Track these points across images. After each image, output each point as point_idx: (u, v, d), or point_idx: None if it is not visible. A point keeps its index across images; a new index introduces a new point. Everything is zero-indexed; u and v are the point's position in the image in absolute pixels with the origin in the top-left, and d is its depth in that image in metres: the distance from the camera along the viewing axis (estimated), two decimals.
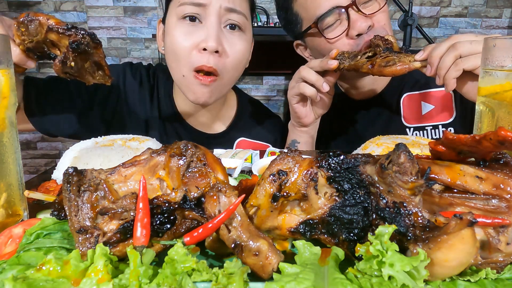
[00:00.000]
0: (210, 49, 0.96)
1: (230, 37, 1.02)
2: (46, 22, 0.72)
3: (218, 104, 1.21)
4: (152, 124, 1.20)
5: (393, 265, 0.36)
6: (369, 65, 0.94)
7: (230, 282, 0.38)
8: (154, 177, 0.50)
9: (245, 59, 1.09)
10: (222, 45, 0.98)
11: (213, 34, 0.96)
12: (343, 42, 1.11)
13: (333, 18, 1.08)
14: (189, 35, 0.98)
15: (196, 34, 0.98)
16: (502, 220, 0.39)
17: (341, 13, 1.06)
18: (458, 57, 0.82)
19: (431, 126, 1.23)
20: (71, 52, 0.71)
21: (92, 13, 3.10)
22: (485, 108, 0.64)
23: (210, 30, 0.97)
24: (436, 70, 0.86)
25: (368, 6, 1.08)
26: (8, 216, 0.57)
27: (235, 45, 1.02)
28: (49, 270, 0.37)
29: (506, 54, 0.59)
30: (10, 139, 0.58)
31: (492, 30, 3.22)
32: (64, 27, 0.71)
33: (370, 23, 1.06)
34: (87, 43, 0.72)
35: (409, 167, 0.38)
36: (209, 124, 1.23)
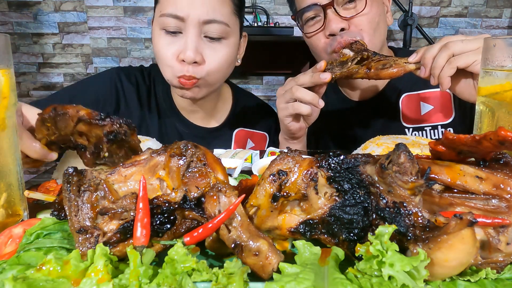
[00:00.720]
0: (188, 60, 0.98)
1: (211, 46, 1.03)
2: (76, 114, 0.63)
3: (213, 99, 1.24)
4: (151, 123, 1.22)
5: (393, 265, 0.36)
6: (365, 69, 0.94)
7: (230, 282, 0.38)
8: (154, 177, 0.50)
9: (229, 61, 1.10)
10: (201, 54, 1.01)
11: (191, 45, 0.99)
12: (318, 38, 1.15)
13: (313, 14, 1.12)
14: (170, 45, 1.02)
15: (177, 44, 1.01)
16: (502, 220, 0.39)
17: (320, 10, 1.09)
18: (451, 56, 0.83)
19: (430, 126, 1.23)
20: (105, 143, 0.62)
21: (92, 13, 3.10)
22: (485, 108, 0.64)
23: (189, 42, 0.99)
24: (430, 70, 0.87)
25: (350, 8, 1.09)
26: (8, 216, 0.57)
27: (216, 53, 1.04)
28: (49, 270, 0.37)
29: (506, 54, 0.59)
30: (10, 139, 0.58)
31: (492, 30, 3.22)
32: (97, 117, 0.62)
33: (344, 25, 1.08)
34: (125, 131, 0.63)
35: (409, 167, 0.38)
36: (207, 118, 1.26)
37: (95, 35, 3.14)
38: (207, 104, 1.22)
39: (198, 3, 0.98)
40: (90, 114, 0.61)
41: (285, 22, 3.12)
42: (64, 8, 3.09)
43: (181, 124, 1.23)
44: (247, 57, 1.24)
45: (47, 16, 3.09)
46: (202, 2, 0.98)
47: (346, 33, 1.08)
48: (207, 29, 1.01)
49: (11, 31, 3.09)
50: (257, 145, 1.33)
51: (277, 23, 3.01)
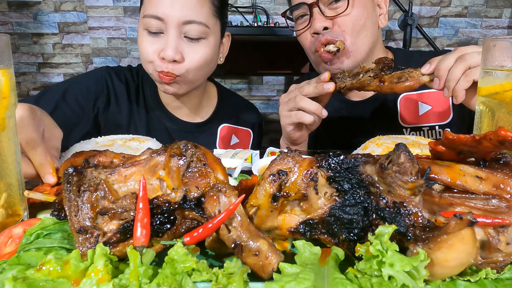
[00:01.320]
0: (167, 58, 1.04)
1: (191, 45, 1.08)
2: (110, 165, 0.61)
3: (197, 96, 1.29)
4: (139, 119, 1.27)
5: (393, 265, 0.36)
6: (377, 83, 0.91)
7: (230, 282, 0.38)
8: (154, 177, 0.50)
9: (209, 60, 1.13)
10: (180, 53, 1.06)
11: (171, 44, 1.04)
12: (305, 37, 1.18)
13: (301, 12, 1.15)
14: (152, 44, 1.07)
15: (158, 43, 1.06)
16: (502, 220, 0.39)
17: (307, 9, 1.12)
18: (467, 68, 0.80)
19: (428, 126, 1.23)
20: None
21: (92, 13, 3.10)
22: (485, 108, 0.64)
23: (169, 41, 1.04)
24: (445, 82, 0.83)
25: (336, 8, 1.10)
26: (8, 216, 0.57)
27: (195, 53, 1.08)
28: (49, 270, 0.37)
29: (506, 54, 0.59)
30: (10, 139, 0.58)
31: (492, 30, 3.22)
32: None
33: (327, 24, 1.09)
34: None
35: (409, 167, 0.38)
36: (192, 114, 1.32)
37: (95, 35, 3.14)
38: (191, 101, 1.28)
39: (178, 5, 1.03)
40: None
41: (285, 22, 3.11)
42: (64, 8, 3.09)
43: (168, 119, 1.29)
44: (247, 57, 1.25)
45: (47, 16, 3.09)
46: (181, 4, 1.03)
47: (329, 32, 1.10)
48: (187, 29, 1.05)
49: (11, 31, 3.09)
50: (242, 141, 1.38)
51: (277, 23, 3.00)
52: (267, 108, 3.34)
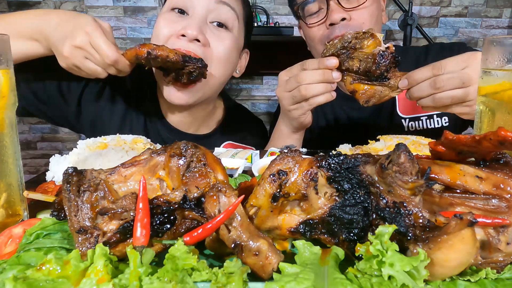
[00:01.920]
0: (189, 36, 0.94)
1: (216, 32, 1.00)
2: (166, 58, 0.86)
3: (203, 113, 1.20)
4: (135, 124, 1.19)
5: (393, 265, 0.36)
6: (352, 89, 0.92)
7: (230, 281, 0.38)
8: (154, 177, 0.50)
9: (231, 60, 1.06)
10: (203, 35, 0.96)
11: (194, 23, 0.95)
12: (318, 29, 1.16)
13: (316, 7, 1.14)
14: (172, 23, 0.97)
15: (179, 24, 0.97)
16: (502, 220, 0.39)
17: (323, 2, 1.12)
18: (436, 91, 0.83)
19: (426, 116, 1.25)
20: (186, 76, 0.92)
21: (92, 13, 3.10)
22: (485, 108, 0.64)
23: (192, 20, 0.96)
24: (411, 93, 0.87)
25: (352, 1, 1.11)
26: (8, 216, 0.57)
27: (222, 41, 1.00)
28: (49, 270, 0.37)
29: (506, 54, 0.59)
30: (10, 140, 0.58)
31: (492, 30, 3.22)
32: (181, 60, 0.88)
33: (345, 15, 1.10)
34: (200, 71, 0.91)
35: (409, 167, 0.38)
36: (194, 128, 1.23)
37: None
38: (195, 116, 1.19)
39: None
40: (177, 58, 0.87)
41: (285, 22, 3.11)
42: (64, 8, 3.09)
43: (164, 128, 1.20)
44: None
45: None
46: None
47: (346, 24, 1.10)
48: (217, 12, 0.98)
49: None
50: None
51: (277, 23, 3.01)
52: (267, 108, 3.34)
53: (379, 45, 0.87)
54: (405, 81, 0.87)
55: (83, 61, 0.86)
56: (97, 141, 0.91)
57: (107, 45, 0.84)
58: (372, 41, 0.87)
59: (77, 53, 0.85)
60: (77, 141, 0.90)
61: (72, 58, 0.86)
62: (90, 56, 0.86)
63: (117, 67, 0.88)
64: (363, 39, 0.88)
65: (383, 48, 0.86)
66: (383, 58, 0.86)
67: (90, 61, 0.86)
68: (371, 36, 0.87)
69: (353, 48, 0.89)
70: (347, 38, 0.89)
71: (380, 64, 0.86)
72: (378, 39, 0.87)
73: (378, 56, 0.86)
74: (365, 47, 0.88)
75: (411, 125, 1.27)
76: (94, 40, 0.84)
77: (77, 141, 0.90)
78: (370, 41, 0.87)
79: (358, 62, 0.89)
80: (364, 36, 0.88)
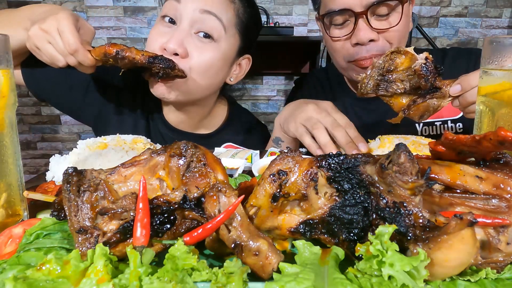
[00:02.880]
0: (169, 50, 0.98)
1: (199, 44, 1.01)
2: (133, 60, 0.91)
3: (200, 114, 1.21)
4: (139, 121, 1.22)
5: (393, 265, 0.36)
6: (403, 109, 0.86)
7: (229, 281, 0.38)
8: (154, 177, 0.50)
9: (215, 68, 1.05)
10: (184, 48, 0.99)
11: (177, 36, 0.98)
12: (341, 45, 1.10)
13: (342, 19, 1.07)
14: (159, 36, 1.02)
15: (165, 36, 1.01)
16: (502, 220, 0.39)
17: (351, 16, 1.05)
18: None
19: (440, 121, 1.22)
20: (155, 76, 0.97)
21: (92, 13, 3.10)
22: (485, 108, 0.64)
23: (176, 32, 0.99)
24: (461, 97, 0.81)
25: (382, 20, 1.05)
26: (8, 216, 0.57)
27: (202, 53, 1.01)
28: (49, 270, 0.37)
29: (506, 54, 0.59)
30: (10, 140, 0.58)
31: (492, 30, 3.22)
32: (146, 61, 0.92)
33: (373, 36, 1.04)
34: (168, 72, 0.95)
35: (409, 167, 0.38)
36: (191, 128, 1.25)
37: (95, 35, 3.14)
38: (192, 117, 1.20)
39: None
40: (142, 60, 0.91)
41: (285, 22, 3.12)
42: None
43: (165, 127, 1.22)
44: None
45: None
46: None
47: (374, 45, 1.05)
48: (202, 22, 0.99)
49: None
50: None
51: (277, 23, 3.01)
52: (267, 108, 3.34)
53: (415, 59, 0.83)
54: (458, 86, 0.81)
55: (44, 44, 0.88)
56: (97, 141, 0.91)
57: (72, 34, 0.86)
58: (404, 57, 0.83)
59: (41, 35, 0.88)
60: (77, 141, 0.90)
61: (35, 38, 0.88)
62: (53, 41, 0.87)
63: (77, 57, 0.89)
64: (395, 58, 0.84)
65: (423, 60, 0.82)
66: (428, 70, 0.81)
67: (51, 46, 0.88)
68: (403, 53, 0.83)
69: (389, 71, 0.85)
70: (379, 65, 0.85)
71: (428, 77, 0.81)
72: (410, 53, 0.83)
73: (422, 69, 0.81)
74: (400, 66, 0.84)
75: (425, 129, 1.25)
76: (61, 26, 0.86)
77: (77, 141, 0.90)
78: (402, 57, 0.83)
79: (402, 83, 0.85)
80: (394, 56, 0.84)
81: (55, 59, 0.90)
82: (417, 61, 0.82)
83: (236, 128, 1.30)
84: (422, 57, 0.82)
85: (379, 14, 1.05)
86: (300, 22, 3.12)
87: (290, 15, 3.13)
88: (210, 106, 1.23)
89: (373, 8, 1.03)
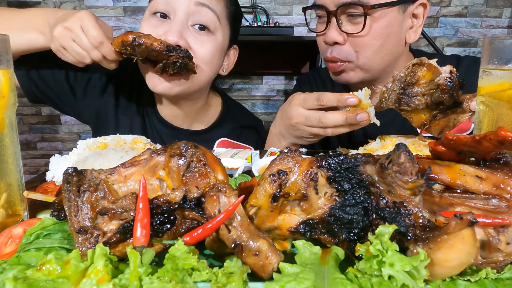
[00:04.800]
0: (170, 42, 0.95)
1: (197, 36, 1.01)
2: (151, 46, 0.90)
3: (194, 108, 1.21)
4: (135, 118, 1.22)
5: (393, 264, 0.36)
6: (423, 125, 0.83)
7: (229, 281, 0.38)
8: (154, 177, 0.50)
9: (214, 62, 1.06)
10: (184, 39, 0.98)
11: (175, 28, 0.97)
12: (319, 40, 1.12)
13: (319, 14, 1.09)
14: (153, 28, 0.99)
15: (161, 28, 0.99)
16: (502, 220, 0.39)
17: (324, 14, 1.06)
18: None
19: None
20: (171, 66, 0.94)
21: None
22: (485, 108, 0.64)
23: (174, 25, 0.98)
24: None
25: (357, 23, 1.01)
26: (8, 216, 0.57)
27: (203, 46, 1.01)
28: (49, 270, 0.37)
29: (506, 54, 0.59)
30: (10, 140, 0.58)
31: (492, 30, 3.22)
32: (165, 49, 0.91)
33: (339, 40, 1.02)
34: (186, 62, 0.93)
35: (409, 167, 0.38)
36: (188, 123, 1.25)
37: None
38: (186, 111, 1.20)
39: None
40: (161, 47, 0.90)
41: (285, 22, 3.11)
42: (64, 8, 3.09)
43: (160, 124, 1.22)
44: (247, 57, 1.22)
45: None
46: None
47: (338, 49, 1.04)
48: (198, 15, 0.99)
49: None
50: None
51: (277, 23, 3.00)
52: (267, 108, 3.34)
53: (438, 72, 0.78)
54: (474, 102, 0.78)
55: (70, 42, 0.91)
56: (97, 141, 0.91)
57: (95, 28, 0.89)
58: (426, 70, 0.79)
59: (66, 34, 0.90)
60: (77, 141, 0.90)
61: (60, 38, 0.90)
62: (77, 39, 0.90)
63: (102, 51, 0.91)
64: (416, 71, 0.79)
65: (448, 74, 0.76)
66: (453, 85, 0.76)
67: (76, 44, 0.91)
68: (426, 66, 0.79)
69: (410, 84, 0.80)
70: (400, 78, 0.80)
71: (452, 93, 0.77)
72: (433, 65, 0.78)
73: (447, 84, 0.76)
74: (422, 79, 0.80)
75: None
76: (84, 23, 0.89)
77: (77, 141, 0.90)
78: (424, 70, 0.79)
79: (423, 97, 0.81)
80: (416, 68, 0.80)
81: (81, 56, 0.92)
82: (441, 74, 0.77)
83: (231, 122, 1.30)
84: (446, 70, 0.77)
85: (353, 15, 1.00)
86: (300, 22, 3.12)
87: (290, 15, 3.13)
88: (204, 99, 1.23)
89: (344, 9, 1.00)
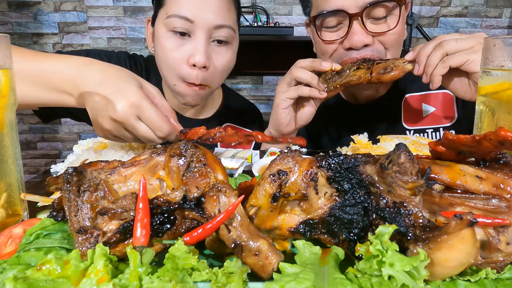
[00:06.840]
0: (199, 65, 1.01)
1: (218, 50, 1.07)
2: None
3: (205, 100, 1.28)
4: None
5: (393, 265, 0.36)
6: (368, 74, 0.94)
7: (229, 281, 0.38)
8: (154, 177, 0.50)
9: (231, 65, 1.14)
10: (210, 59, 1.04)
11: (201, 49, 1.01)
12: (333, 48, 1.05)
13: (336, 21, 1.02)
14: (179, 47, 1.03)
15: (186, 47, 1.03)
16: (502, 220, 0.39)
17: (345, 18, 0.99)
18: (444, 55, 0.85)
19: (432, 128, 1.21)
20: None
21: (92, 13, 3.10)
22: (485, 108, 0.64)
23: (198, 46, 1.02)
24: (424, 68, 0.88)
25: (380, 23, 1.00)
26: (8, 216, 0.57)
27: (222, 58, 1.08)
28: (49, 270, 0.37)
29: (506, 54, 0.59)
30: (10, 140, 0.58)
31: (492, 30, 3.22)
32: None
33: (368, 41, 0.99)
34: None
35: (409, 167, 0.38)
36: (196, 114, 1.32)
37: (95, 35, 3.14)
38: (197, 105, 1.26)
39: (210, 8, 1.00)
40: None
41: (285, 22, 3.12)
42: (64, 8, 3.09)
43: None
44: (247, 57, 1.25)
45: (47, 16, 3.09)
46: (213, 8, 1.01)
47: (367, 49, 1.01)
48: (217, 33, 1.04)
49: (11, 31, 3.09)
50: None
51: (277, 23, 3.01)
52: (267, 108, 3.34)
53: None
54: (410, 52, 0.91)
55: (124, 133, 0.78)
56: (97, 141, 0.91)
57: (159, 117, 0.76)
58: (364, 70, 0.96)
59: (118, 127, 0.77)
60: (77, 141, 0.90)
61: (113, 131, 0.77)
62: (133, 130, 0.76)
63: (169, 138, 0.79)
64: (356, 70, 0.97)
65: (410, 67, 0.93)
66: None
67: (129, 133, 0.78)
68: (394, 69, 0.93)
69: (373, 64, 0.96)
70: None
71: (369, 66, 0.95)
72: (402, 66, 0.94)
73: None
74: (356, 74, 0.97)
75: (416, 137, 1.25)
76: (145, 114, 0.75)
77: (77, 141, 0.90)
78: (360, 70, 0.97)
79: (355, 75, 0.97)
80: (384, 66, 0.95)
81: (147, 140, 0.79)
82: None
83: (232, 111, 1.38)
84: None
85: (375, 17, 0.99)
86: (300, 22, 3.12)
87: (290, 15, 3.13)
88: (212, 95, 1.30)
89: (369, 10, 0.97)
